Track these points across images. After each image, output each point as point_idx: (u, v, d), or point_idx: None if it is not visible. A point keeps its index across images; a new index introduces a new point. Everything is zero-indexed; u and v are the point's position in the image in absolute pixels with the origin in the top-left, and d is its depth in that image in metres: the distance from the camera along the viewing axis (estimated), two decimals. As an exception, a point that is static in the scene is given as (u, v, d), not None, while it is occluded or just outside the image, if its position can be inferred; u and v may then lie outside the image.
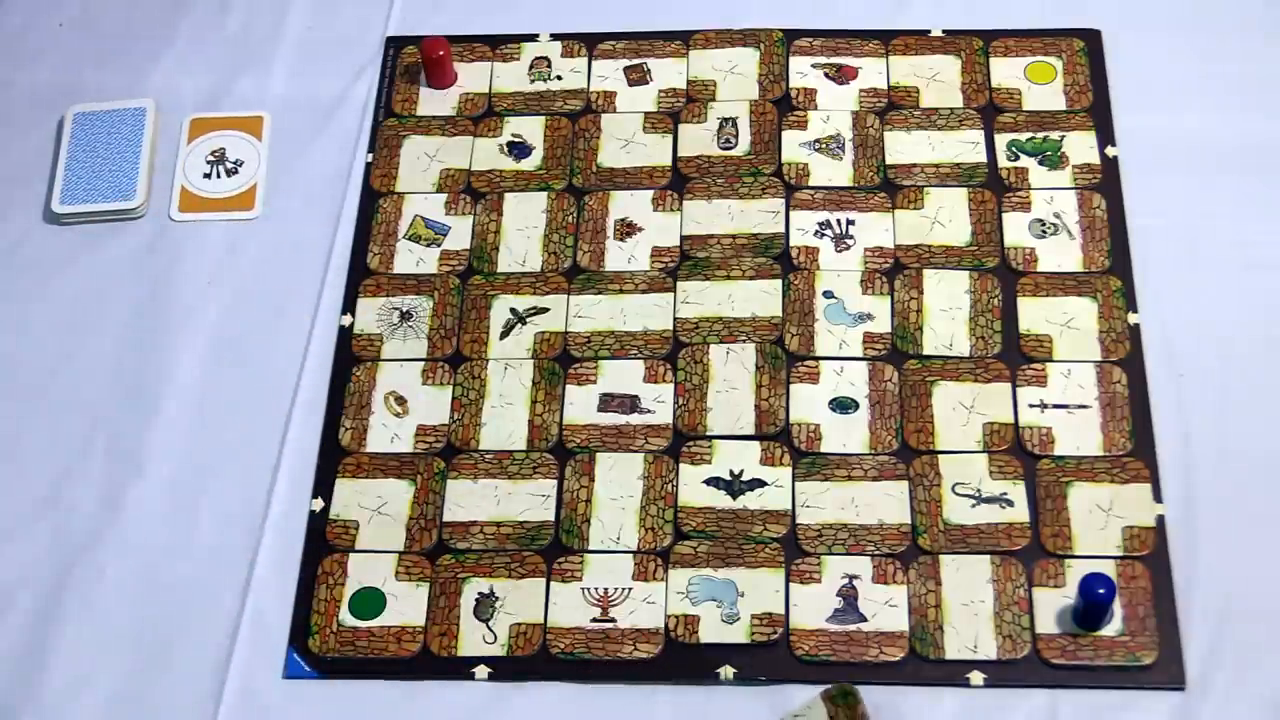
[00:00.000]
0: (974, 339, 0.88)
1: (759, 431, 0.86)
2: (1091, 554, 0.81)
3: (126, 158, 0.98)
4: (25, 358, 0.92)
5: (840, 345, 0.88)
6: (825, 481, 0.84)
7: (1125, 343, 0.87)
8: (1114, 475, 0.83)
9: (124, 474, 0.87)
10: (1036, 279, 0.89)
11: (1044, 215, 0.92)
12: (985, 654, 0.79)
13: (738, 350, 0.88)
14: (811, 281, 0.90)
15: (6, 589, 0.84)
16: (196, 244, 0.95)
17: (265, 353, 0.91)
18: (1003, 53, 0.98)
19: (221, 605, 0.83)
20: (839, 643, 0.79)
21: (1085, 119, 0.95)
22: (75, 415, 0.90)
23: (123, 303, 0.94)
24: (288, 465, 0.87)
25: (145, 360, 0.91)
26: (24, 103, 1.02)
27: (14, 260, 0.96)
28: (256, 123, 1.00)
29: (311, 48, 1.03)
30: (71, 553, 0.85)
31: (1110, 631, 0.79)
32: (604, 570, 0.82)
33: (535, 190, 0.95)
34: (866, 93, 0.97)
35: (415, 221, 0.95)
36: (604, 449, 0.86)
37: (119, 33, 1.04)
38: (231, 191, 0.97)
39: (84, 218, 0.96)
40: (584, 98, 0.99)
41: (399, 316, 0.91)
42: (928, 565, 0.81)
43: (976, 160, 0.94)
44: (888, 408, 0.86)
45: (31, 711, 0.80)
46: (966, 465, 0.84)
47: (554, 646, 0.80)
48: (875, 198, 0.93)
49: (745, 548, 0.82)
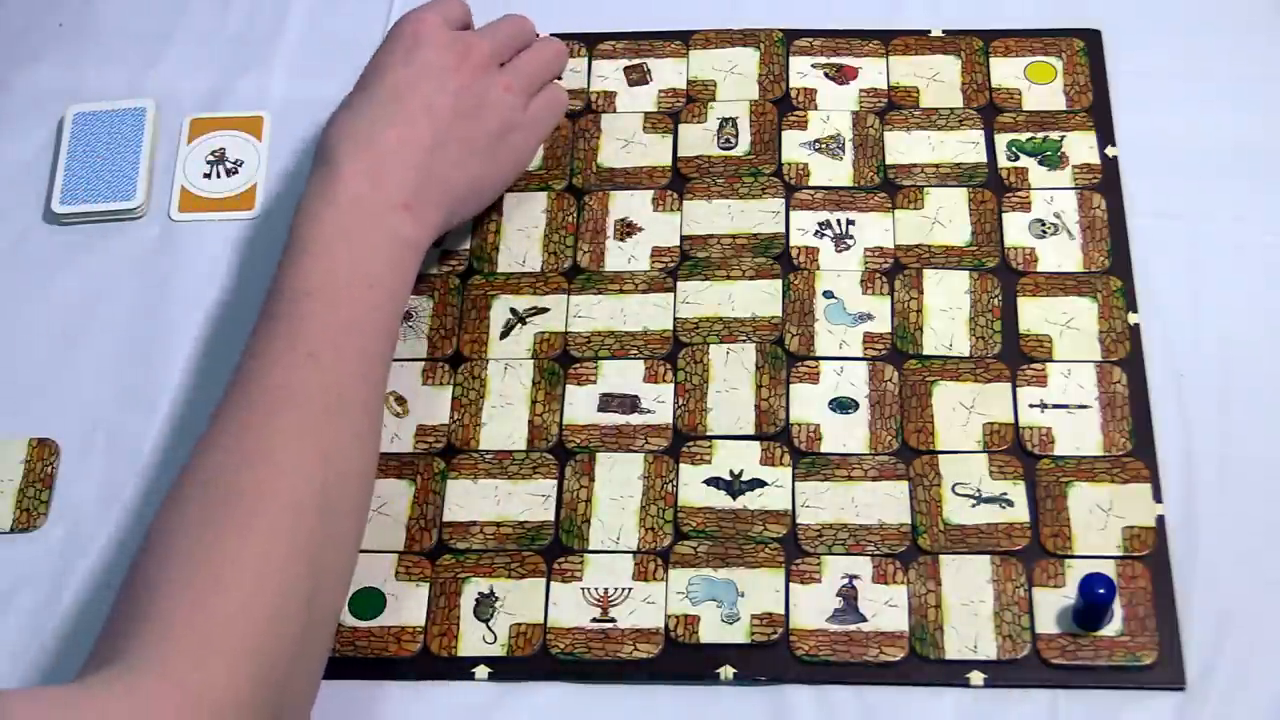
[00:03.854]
0: (974, 339, 0.88)
1: (759, 431, 0.86)
2: (1091, 554, 0.81)
3: (126, 158, 0.98)
4: (25, 357, 0.92)
5: (840, 345, 0.88)
6: (825, 481, 0.84)
7: (1125, 343, 0.87)
8: (1114, 475, 0.83)
9: (124, 474, 0.88)
10: (1036, 279, 0.90)
11: (1044, 215, 0.92)
12: (985, 654, 0.79)
13: (738, 350, 0.88)
14: (811, 281, 0.90)
15: (6, 589, 0.85)
16: (196, 244, 0.95)
17: (265, 353, 0.91)
18: (1003, 53, 0.98)
19: (221, 605, 0.83)
20: (839, 643, 0.79)
21: (1085, 119, 0.95)
22: (75, 415, 0.90)
23: (123, 303, 0.94)
24: (288, 465, 0.87)
25: (145, 360, 0.91)
26: (24, 103, 1.02)
27: (14, 260, 0.96)
28: (256, 123, 1.00)
29: (311, 48, 1.03)
30: (71, 553, 0.85)
31: (1110, 631, 0.79)
32: (604, 570, 0.82)
33: (535, 190, 0.95)
34: (866, 93, 0.97)
35: (415, 221, 0.95)
36: (604, 449, 0.86)
37: (119, 33, 1.04)
38: (231, 191, 0.97)
39: (84, 218, 0.96)
40: (584, 98, 0.99)
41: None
42: (928, 565, 0.81)
43: (976, 160, 0.94)
44: (888, 408, 0.86)
45: (31, 711, 0.80)
46: (966, 465, 0.84)
47: (554, 646, 0.80)
48: (875, 198, 0.93)
49: (745, 548, 0.82)
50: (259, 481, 0.73)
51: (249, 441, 0.75)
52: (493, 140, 0.88)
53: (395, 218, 0.82)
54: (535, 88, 0.92)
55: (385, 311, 0.81)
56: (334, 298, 0.79)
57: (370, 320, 0.80)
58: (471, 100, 0.87)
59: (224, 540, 0.71)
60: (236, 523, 0.72)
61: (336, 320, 0.79)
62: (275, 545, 0.71)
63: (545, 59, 0.94)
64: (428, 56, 0.86)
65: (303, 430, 0.75)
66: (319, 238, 0.80)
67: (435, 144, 0.84)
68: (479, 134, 0.87)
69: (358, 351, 0.79)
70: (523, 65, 0.92)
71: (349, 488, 0.77)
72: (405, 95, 0.85)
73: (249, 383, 0.77)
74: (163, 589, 0.70)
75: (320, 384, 0.77)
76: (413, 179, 0.83)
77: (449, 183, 0.85)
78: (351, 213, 0.81)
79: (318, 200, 0.82)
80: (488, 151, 0.88)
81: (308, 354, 0.77)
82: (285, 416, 0.75)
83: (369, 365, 0.80)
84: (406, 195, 0.83)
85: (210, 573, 0.70)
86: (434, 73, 0.86)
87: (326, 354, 0.77)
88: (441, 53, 0.86)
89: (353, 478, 0.78)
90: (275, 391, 0.76)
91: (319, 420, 0.76)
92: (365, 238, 0.81)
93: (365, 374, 0.80)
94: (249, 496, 0.73)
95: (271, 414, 0.76)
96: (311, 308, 0.78)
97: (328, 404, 0.77)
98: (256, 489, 0.73)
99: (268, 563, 0.71)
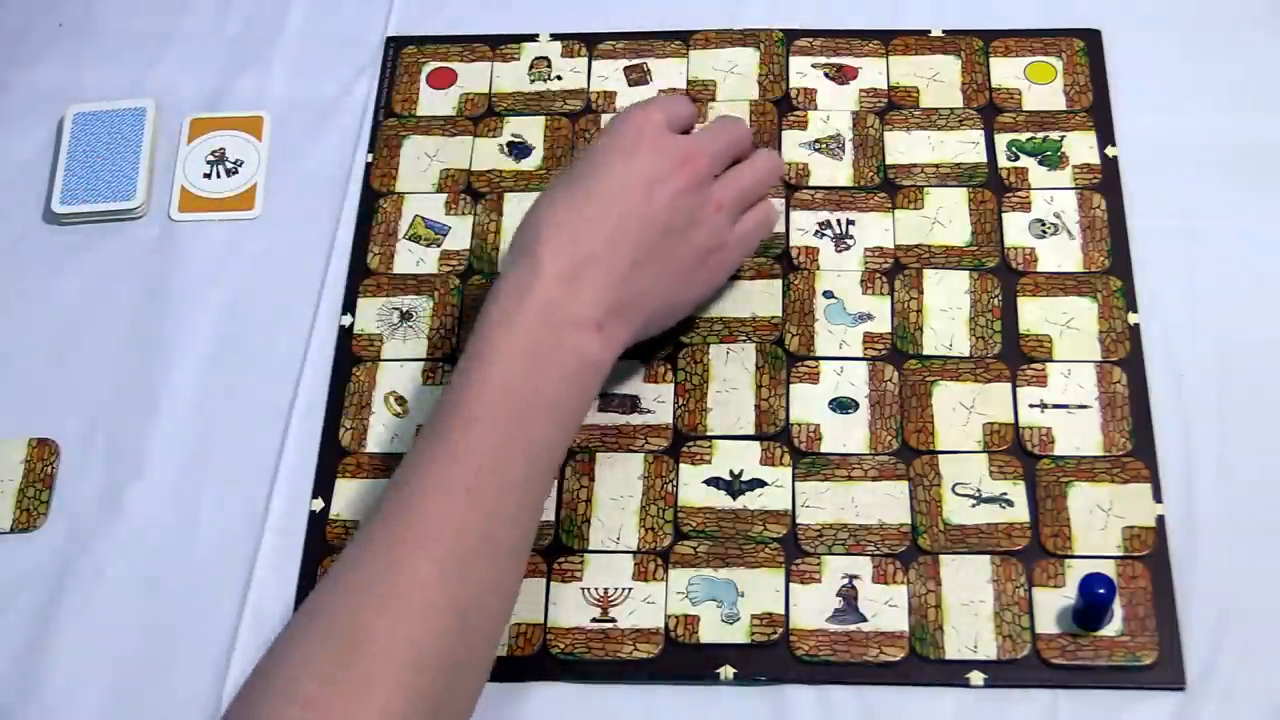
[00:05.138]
0: (974, 339, 0.88)
1: (759, 431, 0.86)
2: (1091, 554, 0.81)
3: (126, 158, 0.98)
4: (25, 357, 0.92)
5: (840, 345, 0.88)
6: (825, 481, 0.84)
7: (1125, 343, 0.87)
8: (1114, 475, 0.83)
9: (124, 474, 0.88)
10: (1036, 279, 0.90)
11: (1044, 215, 0.92)
12: (985, 654, 0.79)
13: (738, 350, 0.88)
14: (811, 281, 0.90)
15: (6, 589, 0.85)
16: (196, 244, 0.95)
17: (265, 353, 0.91)
18: (1003, 53, 0.98)
19: (221, 605, 0.83)
20: (839, 643, 0.79)
21: (1085, 119, 0.95)
22: (75, 415, 0.90)
23: (123, 303, 0.94)
24: (288, 465, 0.87)
25: (145, 360, 0.91)
26: (24, 103, 1.02)
27: (14, 260, 0.96)
28: (256, 122, 1.00)
29: (311, 48, 1.03)
30: (71, 553, 0.85)
31: (1110, 631, 0.79)
32: (604, 570, 0.82)
33: (535, 190, 0.95)
34: (866, 93, 0.97)
35: (415, 221, 0.95)
36: (604, 449, 0.86)
37: (119, 33, 1.04)
38: (231, 191, 0.97)
39: (84, 218, 0.96)
40: (584, 98, 0.99)
41: (399, 316, 0.91)
42: (928, 565, 0.81)
43: (976, 160, 0.94)
44: (888, 408, 0.86)
45: (31, 712, 0.80)
46: (966, 465, 0.84)
47: (554, 646, 0.80)
48: (875, 198, 0.93)
49: (745, 548, 0.82)
50: (387, 632, 0.69)
51: (385, 582, 0.70)
52: (696, 260, 0.82)
53: (585, 336, 0.77)
54: (746, 205, 0.86)
55: (555, 440, 0.77)
56: (506, 425, 0.74)
57: (539, 451, 0.76)
58: (683, 216, 0.81)
59: (343, 697, 0.67)
60: (358, 678, 0.68)
61: (504, 452, 0.74)
62: (394, 704, 0.67)
63: (760, 175, 0.87)
64: (647, 160, 0.80)
65: (444, 576, 0.71)
66: (504, 351, 0.75)
67: (637, 260, 0.79)
68: (684, 253, 0.81)
69: (519, 487, 0.75)
70: (738, 181, 0.85)
71: (481, 641, 0.73)
72: (618, 199, 0.79)
73: (397, 509, 0.72)
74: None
75: (472, 523, 0.72)
76: (611, 295, 0.78)
77: (643, 301, 0.80)
78: (542, 324, 0.76)
79: (512, 299, 0.76)
80: (688, 272, 0.83)
81: (466, 490, 0.72)
82: (426, 556, 0.71)
83: (527, 504, 0.76)
84: (601, 312, 0.77)
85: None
86: (650, 179, 0.80)
87: (486, 490, 0.73)
88: (661, 158, 0.80)
89: (486, 630, 0.74)
90: (421, 527, 0.72)
91: (462, 564, 0.71)
92: (551, 356, 0.76)
93: (521, 515, 0.75)
94: (373, 646, 0.68)
95: (413, 553, 0.71)
96: (480, 434, 0.73)
97: (475, 546, 0.72)
98: (384, 640, 0.69)
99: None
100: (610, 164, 0.80)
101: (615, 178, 0.80)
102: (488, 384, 0.74)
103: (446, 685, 0.70)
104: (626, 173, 0.80)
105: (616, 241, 0.78)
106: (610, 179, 0.80)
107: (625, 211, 0.79)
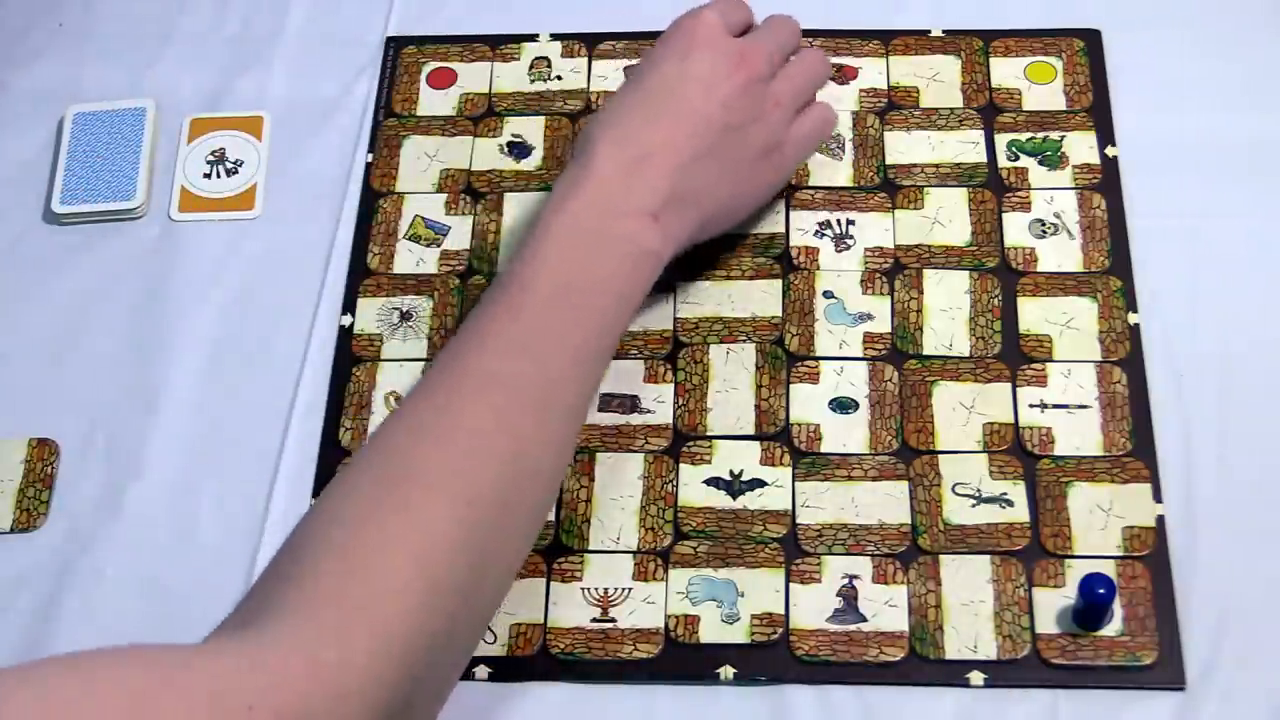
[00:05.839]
0: (974, 339, 0.88)
1: (759, 431, 0.86)
2: (1091, 554, 0.81)
3: (126, 158, 0.98)
4: (25, 357, 0.92)
5: (840, 345, 0.88)
6: (825, 481, 0.84)
7: (1125, 343, 0.87)
8: (1114, 475, 0.83)
9: (124, 474, 0.88)
10: (1036, 279, 0.90)
11: (1044, 215, 0.92)
12: (985, 654, 0.79)
13: (738, 350, 0.88)
14: (811, 281, 0.90)
15: (6, 589, 0.85)
16: (196, 244, 0.95)
17: (265, 353, 0.91)
18: (1003, 53, 0.98)
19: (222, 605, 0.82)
20: (839, 643, 0.79)
21: (1085, 119, 0.95)
22: (75, 415, 0.90)
23: (123, 303, 0.94)
24: (288, 465, 0.87)
25: (145, 360, 0.91)
26: (24, 103, 1.02)
27: (14, 260, 0.96)
28: (256, 123, 1.00)
29: (311, 48, 1.03)
30: (71, 553, 0.85)
31: (1110, 631, 0.79)
32: (604, 570, 0.82)
33: (535, 190, 0.95)
34: (866, 93, 0.97)
35: (415, 221, 0.95)
36: (604, 449, 0.86)
37: (119, 33, 1.04)
38: (231, 191, 0.97)
39: (84, 218, 0.96)
40: (584, 98, 0.99)
41: (399, 317, 0.91)
42: (928, 565, 0.81)
43: (976, 160, 0.94)
44: (888, 408, 0.86)
45: (31, 711, 0.80)
46: (966, 465, 0.84)
47: (554, 646, 0.80)
48: (875, 198, 0.93)
49: (745, 548, 0.82)
50: (441, 464, 0.70)
51: (442, 421, 0.71)
52: (755, 158, 0.84)
53: (640, 225, 0.78)
54: (802, 103, 0.87)
55: (611, 316, 0.78)
56: (561, 298, 0.76)
57: (594, 323, 0.77)
58: (741, 114, 0.82)
59: (389, 518, 0.67)
60: (407, 503, 0.68)
61: (559, 320, 0.75)
62: (442, 534, 0.68)
63: (814, 72, 0.88)
64: (703, 60, 0.81)
65: (500, 421, 0.72)
66: (559, 234, 0.77)
67: (696, 155, 0.80)
68: (743, 150, 0.82)
69: (574, 352, 0.76)
70: (793, 78, 0.86)
71: (533, 489, 0.74)
72: (674, 97, 0.80)
73: (455, 362, 0.74)
74: (317, 555, 0.67)
75: (529, 378, 0.73)
76: (666, 188, 0.79)
77: (702, 198, 0.81)
78: (597, 213, 0.77)
79: (567, 192, 0.78)
80: (748, 170, 0.83)
81: (523, 346, 0.74)
82: (484, 402, 0.72)
83: (583, 369, 0.77)
84: (657, 204, 0.78)
85: (368, 548, 0.66)
86: (707, 78, 0.81)
87: (542, 349, 0.74)
88: (717, 58, 0.81)
89: (540, 480, 0.74)
90: (480, 376, 0.73)
91: (519, 414, 0.72)
92: (605, 241, 0.77)
93: (577, 377, 0.76)
94: (426, 477, 0.69)
95: (471, 397, 0.72)
96: (535, 303, 0.75)
97: (532, 399, 0.73)
98: (436, 471, 0.69)
99: (430, 549, 0.67)
100: (667, 66, 0.82)
101: (672, 79, 0.81)
102: (545, 260, 0.76)
103: (496, 523, 0.70)
104: (683, 73, 0.81)
105: (674, 137, 0.80)
106: (667, 80, 0.81)
107: (682, 110, 0.80)
